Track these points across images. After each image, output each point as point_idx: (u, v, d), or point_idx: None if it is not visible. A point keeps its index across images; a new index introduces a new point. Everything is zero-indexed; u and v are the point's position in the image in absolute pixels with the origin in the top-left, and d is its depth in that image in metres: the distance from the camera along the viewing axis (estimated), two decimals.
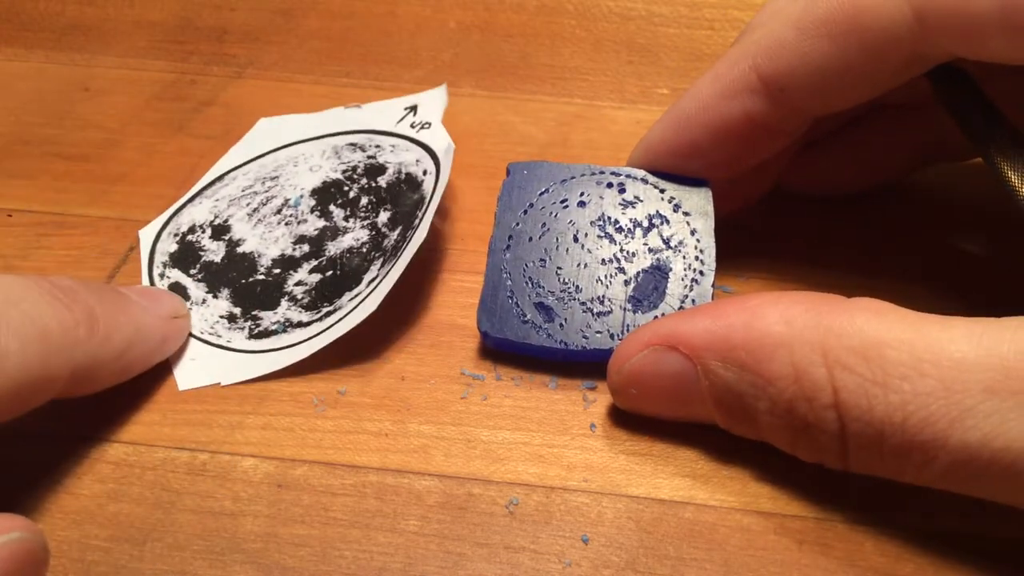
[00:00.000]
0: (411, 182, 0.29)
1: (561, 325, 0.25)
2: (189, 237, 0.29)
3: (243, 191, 0.30)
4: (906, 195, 0.30)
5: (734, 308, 0.21)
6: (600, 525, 0.22)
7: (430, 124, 0.31)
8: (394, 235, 0.27)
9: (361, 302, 0.26)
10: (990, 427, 0.18)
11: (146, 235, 0.30)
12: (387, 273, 0.26)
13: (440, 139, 0.30)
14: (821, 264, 0.28)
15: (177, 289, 0.28)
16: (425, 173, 0.29)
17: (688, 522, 0.22)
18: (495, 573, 0.21)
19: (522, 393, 0.25)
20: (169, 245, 0.29)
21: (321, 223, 0.29)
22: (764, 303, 0.21)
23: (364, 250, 0.27)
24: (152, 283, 0.28)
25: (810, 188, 0.30)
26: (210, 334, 0.26)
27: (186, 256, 0.29)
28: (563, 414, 0.24)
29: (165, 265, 0.28)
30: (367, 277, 0.27)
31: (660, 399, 0.23)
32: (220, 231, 0.29)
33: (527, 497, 0.22)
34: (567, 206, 0.26)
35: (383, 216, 0.28)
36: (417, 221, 0.27)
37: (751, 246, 0.28)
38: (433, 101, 0.32)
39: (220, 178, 0.31)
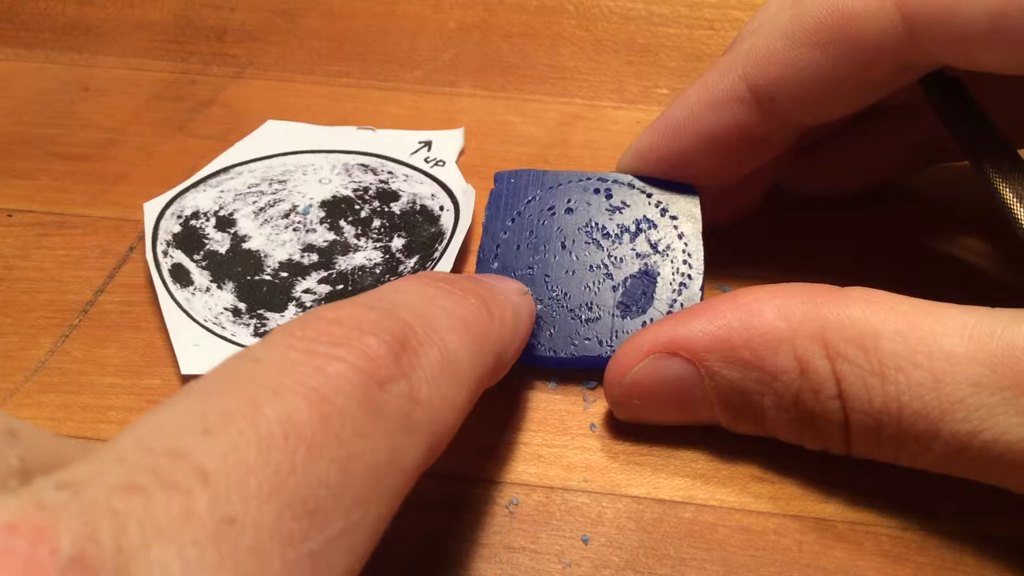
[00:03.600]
0: (427, 215, 0.29)
1: (550, 334, 0.25)
2: (192, 222, 0.29)
3: (249, 188, 0.30)
4: (906, 195, 0.30)
5: (728, 307, 0.21)
6: (600, 525, 0.22)
7: (444, 162, 0.31)
8: (411, 262, 0.28)
9: None
10: (978, 420, 0.19)
11: (150, 209, 0.30)
12: None
13: (457, 179, 0.31)
14: (821, 265, 0.28)
15: (180, 272, 0.28)
16: (442, 209, 0.30)
17: (688, 522, 0.22)
18: (495, 573, 0.21)
19: (522, 393, 0.25)
20: (173, 225, 0.29)
21: (331, 236, 0.29)
22: (759, 299, 0.21)
23: (377, 271, 0.28)
24: (156, 260, 0.28)
25: (810, 189, 0.30)
26: (214, 323, 0.26)
27: (189, 240, 0.29)
28: (563, 414, 0.24)
29: (169, 244, 0.29)
30: None
31: (664, 406, 0.22)
32: (225, 223, 0.29)
33: (527, 497, 0.22)
34: (554, 213, 0.26)
35: (397, 242, 0.29)
36: (438, 254, 0.28)
37: (750, 247, 0.28)
38: (449, 141, 0.33)
39: (225, 170, 0.31)
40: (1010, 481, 0.19)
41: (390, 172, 0.31)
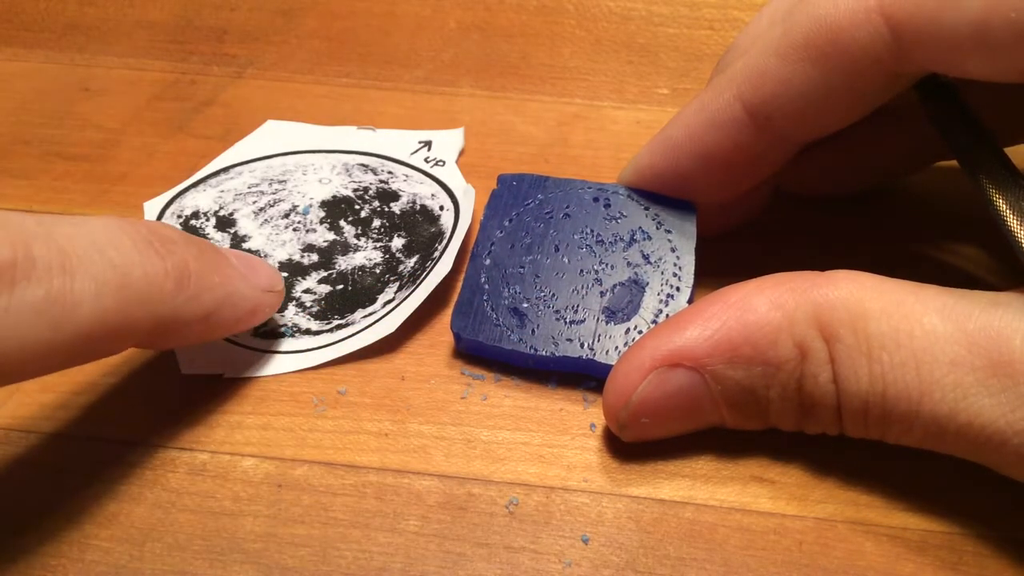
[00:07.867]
0: (427, 215, 0.29)
1: (533, 331, 0.25)
2: (192, 222, 0.29)
3: (249, 188, 0.30)
4: (904, 196, 0.30)
5: (720, 307, 0.21)
6: (600, 525, 0.22)
7: (444, 162, 0.31)
8: (411, 262, 0.28)
9: (376, 321, 0.26)
10: (955, 401, 0.19)
11: (150, 209, 0.30)
12: (406, 298, 0.26)
13: (457, 179, 0.31)
14: (819, 265, 0.28)
15: None
16: (442, 209, 0.30)
17: (688, 522, 0.22)
18: (495, 573, 0.21)
19: (522, 393, 0.25)
20: (172, 225, 0.29)
21: (331, 236, 0.29)
22: (748, 294, 0.21)
23: (377, 271, 0.28)
24: None
25: (809, 189, 0.29)
26: None
27: None
28: (563, 414, 0.24)
29: None
30: (382, 298, 0.27)
31: (672, 419, 0.22)
32: (225, 223, 0.29)
33: (527, 497, 0.22)
34: (552, 217, 0.26)
35: (397, 242, 0.29)
36: (438, 254, 0.28)
37: (747, 246, 0.28)
38: (449, 141, 0.32)
39: (225, 170, 0.31)
40: (990, 461, 0.20)
41: (390, 172, 0.31)
